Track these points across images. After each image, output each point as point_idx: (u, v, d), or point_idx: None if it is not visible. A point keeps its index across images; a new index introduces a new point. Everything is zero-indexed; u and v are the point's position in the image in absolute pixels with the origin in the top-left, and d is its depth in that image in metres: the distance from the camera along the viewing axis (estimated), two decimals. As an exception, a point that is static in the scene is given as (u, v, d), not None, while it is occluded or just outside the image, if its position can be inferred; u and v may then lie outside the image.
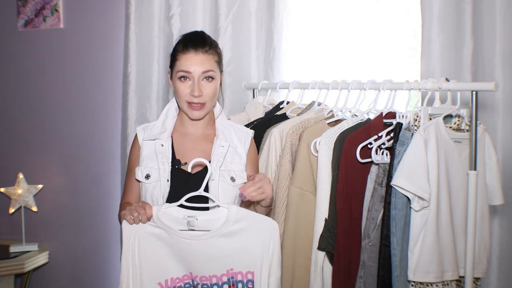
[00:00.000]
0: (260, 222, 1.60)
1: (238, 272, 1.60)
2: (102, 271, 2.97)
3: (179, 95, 1.75)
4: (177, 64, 1.75)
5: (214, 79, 1.75)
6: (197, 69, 1.72)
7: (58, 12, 2.95)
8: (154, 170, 1.74)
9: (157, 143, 1.77)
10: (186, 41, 1.76)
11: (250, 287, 1.60)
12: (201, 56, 1.73)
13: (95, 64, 2.92)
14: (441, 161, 1.68)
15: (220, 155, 1.75)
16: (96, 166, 2.95)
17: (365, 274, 1.73)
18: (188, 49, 1.73)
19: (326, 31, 2.49)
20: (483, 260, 1.84)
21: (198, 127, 1.83)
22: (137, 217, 1.56)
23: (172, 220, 1.57)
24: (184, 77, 1.73)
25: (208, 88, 1.74)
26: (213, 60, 1.76)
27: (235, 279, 1.60)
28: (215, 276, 1.60)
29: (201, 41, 1.75)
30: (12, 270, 2.70)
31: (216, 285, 1.60)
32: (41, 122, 3.05)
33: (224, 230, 1.57)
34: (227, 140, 1.78)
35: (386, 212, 1.66)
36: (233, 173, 1.75)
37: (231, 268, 1.60)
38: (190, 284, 1.60)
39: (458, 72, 2.16)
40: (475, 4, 2.13)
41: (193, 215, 1.57)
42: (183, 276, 1.60)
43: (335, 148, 1.80)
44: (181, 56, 1.74)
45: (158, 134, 1.79)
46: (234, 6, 2.53)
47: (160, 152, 1.75)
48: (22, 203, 2.93)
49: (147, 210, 1.56)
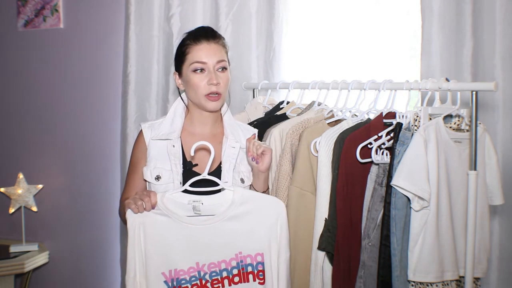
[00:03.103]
0: (267, 203, 1.60)
1: (247, 255, 1.59)
2: (102, 271, 2.97)
3: (195, 88, 1.72)
4: (189, 57, 1.72)
5: (227, 69, 1.76)
6: (211, 59, 1.71)
7: (58, 12, 2.95)
8: (165, 171, 1.71)
9: (169, 143, 1.73)
10: (196, 34, 1.75)
11: (260, 269, 1.59)
12: (213, 46, 1.73)
13: (95, 64, 2.93)
14: (441, 161, 1.68)
15: (232, 156, 1.74)
16: (96, 166, 2.95)
17: (365, 274, 1.73)
18: (200, 40, 1.72)
19: (326, 31, 2.49)
20: (483, 260, 1.84)
21: (206, 126, 1.81)
22: (141, 205, 1.53)
23: (177, 206, 1.56)
24: (200, 69, 1.72)
25: (224, 78, 1.74)
26: (223, 50, 1.77)
27: (244, 263, 1.59)
28: (224, 262, 1.58)
29: (211, 33, 1.76)
30: (12, 270, 2.70)
31: (226, 270, 1.58)
32: (41, 122, 3.05)
33: (230, 213, 1.56)
34: (237, 141, 1.77)
35: (386, 212, 1.66)
36: (242, 175, 1.75)
37: (239, 252, 1.58)
38: (196, 277, 1.58)
39: (458, 72, 2.16)
40: (475, 4, 2.13)
41: (198, 200, 1.56)
42: (189, 269, 1.57)
43: (335, 148, 1.80)
44: (192, 48, 1.72)
45: (168, 134, 1.75)
46: (234, 6, 2.54)
47: (172, 153, 1.72)
48: (22, 203, 2.93)
49: (151, 197, 1.54)
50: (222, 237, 1.57)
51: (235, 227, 1.57)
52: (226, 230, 1.57)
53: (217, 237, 1.57)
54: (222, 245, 1.57)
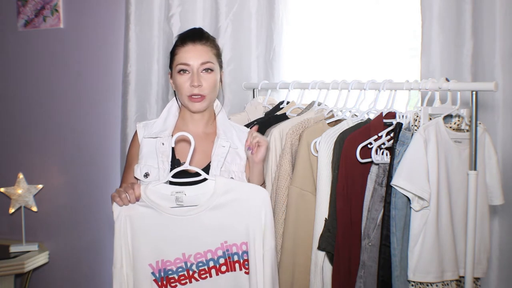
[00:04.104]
0: (250, 192, 1.59)
1: (232, 244, 1.59)
2: (102, 271, 2.97)
3: (179, 89, 1.76)
4: (176, 58, 1.77)
5: (213, 71, 1.77)
6: (195, 61, 1.74)
7: (58, 12, 2.95)
8: (153, 168, 1.74)
9: (158, 141, 1.77)
10: (184, 36, 1.79)
11: (246, 258, 1.58)
12: (199, 48, 1.75)
13: (95, 64, 2.92)
14: (441, 161, 1.68)
15: (221, 155, 1.75)
16: (96, 166, 2.95)
17: (365, 274, 1.73)
18: (186, 42, 1.76)
19: (326, 31, 2.49)
20: (483, 260, 1.84)
21: (199, 126, 1.83)
22: (125, 197, 1.57)
23: (161, 197, 1.57)
24: (183, 70, 1.75)
25: (208, 80, 1.75)
26: (211, 52, 1.78)
27: (230, 252, 1.59)
28: (210, 251, 1.58)
29: (198, 35, 1.78)
30: (12, 270, 2.70)
31: (212, 260, 1.58)
32: (41, 122, 3.05)
33: (213, 203, 1.56)
34: (228, 141, 1.78)
35: (386, 212, 1.66)
36: (233, 174, 1.75)
37: (225, 241, 1.58)
38: (183, 267, 1.58)
39: (458, 72, 2.15)
40: (475, 4, 2.13)
41: (181, 191, 1.57)
42: (175, 260, 1.58)
43: (335, 148, 1.80)
44: (179, 50, 1.76)
45: (159, 132, 1.79)
46: (234, 5, 2.53)
47: (160, 151, 1.75)
48: (22, 203, 2.93)
49: (135, 189, 1.56)
50: (207, 227, 1.57)
51: (219, 217, 1.57)
52: (211, 220, 1.57)
53: (202, 227, 1.57)
54: (207, 235, 1.58)
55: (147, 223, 1.57)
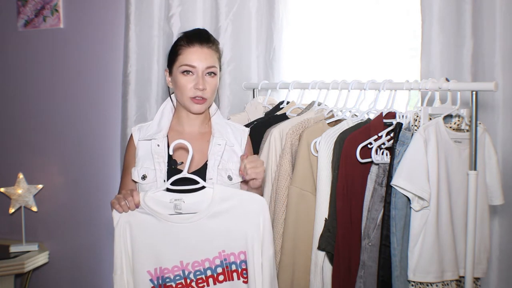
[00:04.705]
0: (248, 200, 1.59)
1: (230, 254, 1.58)
2: (102, 271, 2.97)
3: (181, 89, 1.75)
4: (180, 58, 1.75)
5: (216, 75, 1.77)
6: (201, 63, 1.73)
7: (58, 12, 2.95)
8: (150, 170, 1.73)
9: (153, 143, 1.76)
10: (191, 36, 1.77)
11: (244, 267, 1.58)
12: (206, 51, 1.74)
13: (95, 64, 2.92)
14: (441, 161, 1.68)
15: (217, 153, 1.75)
16: (96, 166, 2.95)
17: (365, 274, 1.73)
18: (193, 43, 1.74)
19: (326, 31, 2.49)
20: (483, 260, 1.84)
21: (194, 126, 1.82)
22: (124, 205, 1.57)
23: (159, 204, 1.57)
24: (187, 71, 1.73)
25: (211, 84, 1.75)
26: (215, 56, 1.77)
27: (228, 261, 1.58)
28: (208, 260, 1.58)
29: (205, 37, 1.77)
30: (12, 270, 2.70)
31: (210, 269, 1.58)
32: (41, 122, 3.05)
33: (211, 211, 1.56)
34: (223, 139, 1.78)
35: (386, 212, 1.66)
36: (230, 172, 1.75)
37: (223, 250, 1.58)
38: (181, 275, 1.58)
39: (458, 72, 2.15)
40: (475, 4, 2.13)
41: (179, 198, 1.56)
42: (173, 268, 1.58)
43: (335, 148, 1.80)
44: (185, 50, 1.74)
45: (154, 134, 1.78)
46: (234, 5, 2.53)
47: (156, 152, 1.75)
48: (22, 203, 2.93)
49: (134, 196, 1.56)
50: (205, 236, 1.57)
51: (217, 225, 1.56)
52: (209, 228, 1.56)
53: (199, 236, 1.57)
54: (205, 243, 1.57)
55: (146, 230, 1.57)
